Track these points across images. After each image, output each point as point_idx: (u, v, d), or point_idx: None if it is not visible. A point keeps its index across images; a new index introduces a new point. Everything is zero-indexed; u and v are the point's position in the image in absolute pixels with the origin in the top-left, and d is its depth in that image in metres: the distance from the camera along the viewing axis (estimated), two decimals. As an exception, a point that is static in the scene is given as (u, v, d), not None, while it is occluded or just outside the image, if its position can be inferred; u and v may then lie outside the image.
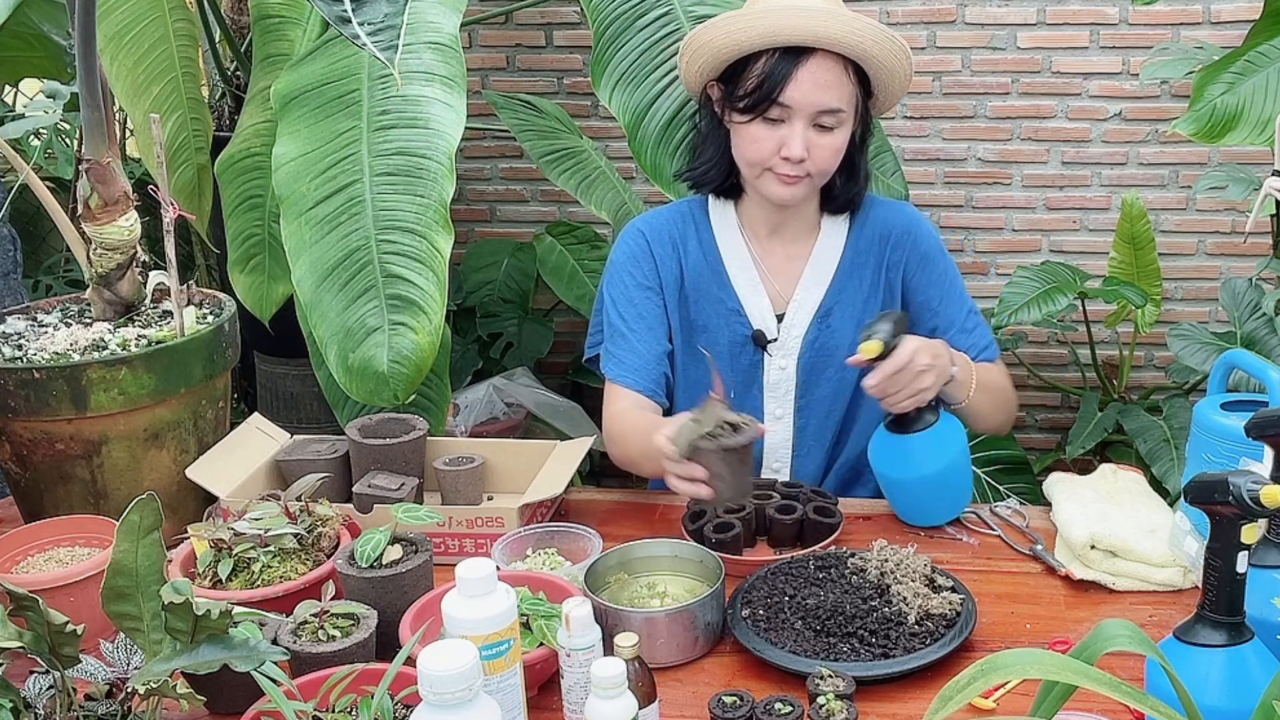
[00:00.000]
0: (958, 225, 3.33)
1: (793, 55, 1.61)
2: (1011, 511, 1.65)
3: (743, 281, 1.78)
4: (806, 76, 1.61)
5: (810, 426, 1.80)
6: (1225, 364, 1.47)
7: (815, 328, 1.76)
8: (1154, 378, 3.33)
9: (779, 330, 1.77)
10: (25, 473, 1.66)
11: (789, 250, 1.78)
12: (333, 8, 1.48)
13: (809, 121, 1.63)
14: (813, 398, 1.79)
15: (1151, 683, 1.15)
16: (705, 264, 1.79)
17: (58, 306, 1.88)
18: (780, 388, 1.78)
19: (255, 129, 2.43)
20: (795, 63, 1.61)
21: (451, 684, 0.96)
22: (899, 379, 1.53)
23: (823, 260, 1.77)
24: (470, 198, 3.52)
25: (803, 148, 1.63)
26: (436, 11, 2.02)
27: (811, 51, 1.61)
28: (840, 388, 1.78)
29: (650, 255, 1.79)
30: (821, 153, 1.65)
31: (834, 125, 1.64)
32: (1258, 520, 1.06)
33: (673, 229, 1.80)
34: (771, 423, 1.79)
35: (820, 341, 1.76)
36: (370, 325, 1.89)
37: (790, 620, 1.34)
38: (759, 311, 1.77)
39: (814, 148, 1.64)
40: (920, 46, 3.19)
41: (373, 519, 1.56)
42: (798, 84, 1.61)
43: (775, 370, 1.78)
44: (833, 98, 1.62)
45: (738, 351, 1.78)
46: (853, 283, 1.77)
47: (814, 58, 1.61)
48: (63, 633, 1.06)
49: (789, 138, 1.63)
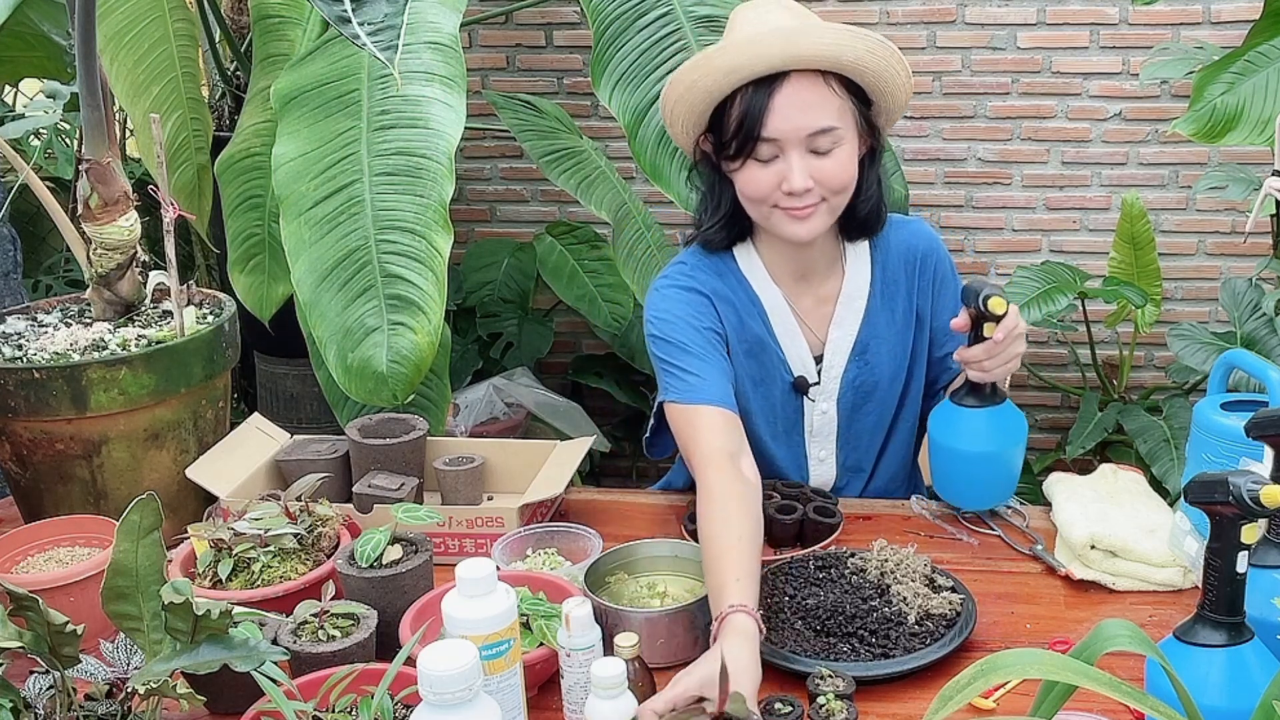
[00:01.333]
0: (958, 225, 3.33)
1: (766, 85, 1.49)
2: (1011, 511, 1.65)
3: (781, 329, 1.68)
4: (784, 103, 1.48)
5: (850, 461, 1.75)
6: (1225, 364, 1.47)
7: (854, 366, 1.69)
8: (1154, 378, 3.33)
9: (819, 374, 1.70)
10: (25, 473, 1.66)
11: (818, 292, 1.69)
12: (333, 8, 1.48)
13: (804, 148, 1.51)
14: (854, 433, 1.73)
15: (1151, 683, 1.15)
16: (755, 317, 1.67)
17: (58, 306, 1.88)
18: (823, 431, 1.72)
19: (255, 129, 2.43)
20: (770, 92, 1.48)
21: (451, 684, 0.96)
22: (1008, 348, 1.48)
23: (853, 297, 1.68)
24: (470, 198, 3.52)
25: (804, 178, 1.50)
26: (436, 11, 2.02)
27: (785, 75, 1.48)
28: (881, 418, 1.73)
29: (708, 304, 1.65)
30: (826, 175, 1.52)
31: (831, 146, 1.51)
32: (1258, 520, 1.06)
33: (718, 283, 1.66)
34: (815, 465, 1.73)
35: (860, 379, 1.69)
36: (369, 325, 1.89)
37: (790, 620, 1.34)
38: (798, 357, 1.68)
39: (817, 173, 1.51)
40: (920, 46, 3.19)
41: (373, 519, 1.56)
42: (777, 113, 1.49)
43: (818, 415, 1.70)
44: (819, 117, 1.49)
45: (777, 399, 1.70)
46: (885, 314, 1.69)
47: (788, 81, 1.48)
48: (63, 633, 1.06)
49: (788, 171, 1.51)
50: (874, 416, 1.73)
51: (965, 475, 1.62)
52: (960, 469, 1.62)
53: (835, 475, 1.75)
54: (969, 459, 1.60)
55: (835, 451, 1.73)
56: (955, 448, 1.60)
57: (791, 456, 1.73)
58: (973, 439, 1.58)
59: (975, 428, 1.57)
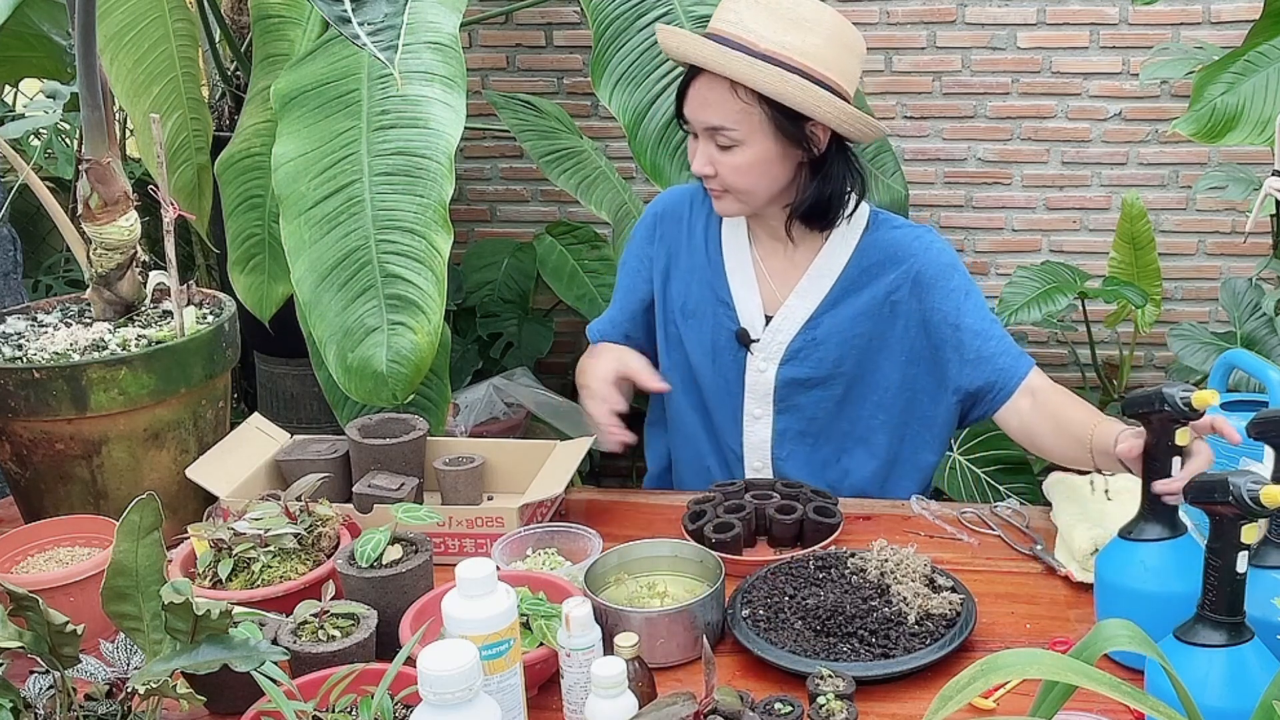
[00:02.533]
0: (958, 225, 3.33)
1: (693, 72, 1.65)
2: (1011, 511, 1.65)
3: (738, 277, 1.78)
4: (693, 94, 1.65)
5: (790, 431, 1.78)
6: (1225, 364, 1.47)
7: (800, 338, 1.75)
8: (1154, 378, 3.33)
9: (764, 332, 1.76)
10: (25, 473, 1.66)
11: (793, 257, 1.77)
12: (333, 8, 1.48)
13: (708, 138, 1.66)
14: (792, 404, 1.77)
15: (1151, 683, 1.15)
16: (705, 248, 1.81)
17: (58, 306, 1.88)
18: (758, 390, 1.78)
19: (255, 129, 2.43)
20: (690, 79, 1.66)
21: (451, 684, 0.96)
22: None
23: (823, 272, 1.75)
24: (470, 198, 3.52)
25: (703, 163, 1.66)
26: (436, 11, 2.02)
27: (701, 69, 1.63)
28: (822, 401, 1.76)
29: (656, 227, 1.86)
30: (724, 169, 1.66)
31: (728, 144, 1.64)
32: (1258, 520, 1.06)
33: (684, 207, 1.85)
34: (751, 422, 1.79)
35: (804, 353, 1.75)
36: (369, 325, 1.89)
37: (790, 620, 1.34)
38: (749, 309, 1.77)
39: (717, 164, 1.66)
40: (920, 46, 3.19)
41: (373, 519, 1.56)
42: (688, 100, 1.66)
43: (754, 372, 1.77)
44: (713, 115, 1.63)
45: (721, 345, 1.78)
46: (848, 300, 1.74)
47: (701, 76, 1.64)
48: (63, 633, 1.06)
49: (696, 153, 1.68)
50: (814, 395, 1.76)
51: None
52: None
53: (770, 437, 1.79)
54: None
55: (772, 413, 1.78)
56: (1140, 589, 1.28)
57: (729, 405, 1.80)
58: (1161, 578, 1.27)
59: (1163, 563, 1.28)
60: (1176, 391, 1.21)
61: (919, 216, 3.29)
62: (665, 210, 1.86)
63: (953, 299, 1.71)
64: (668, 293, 1.83)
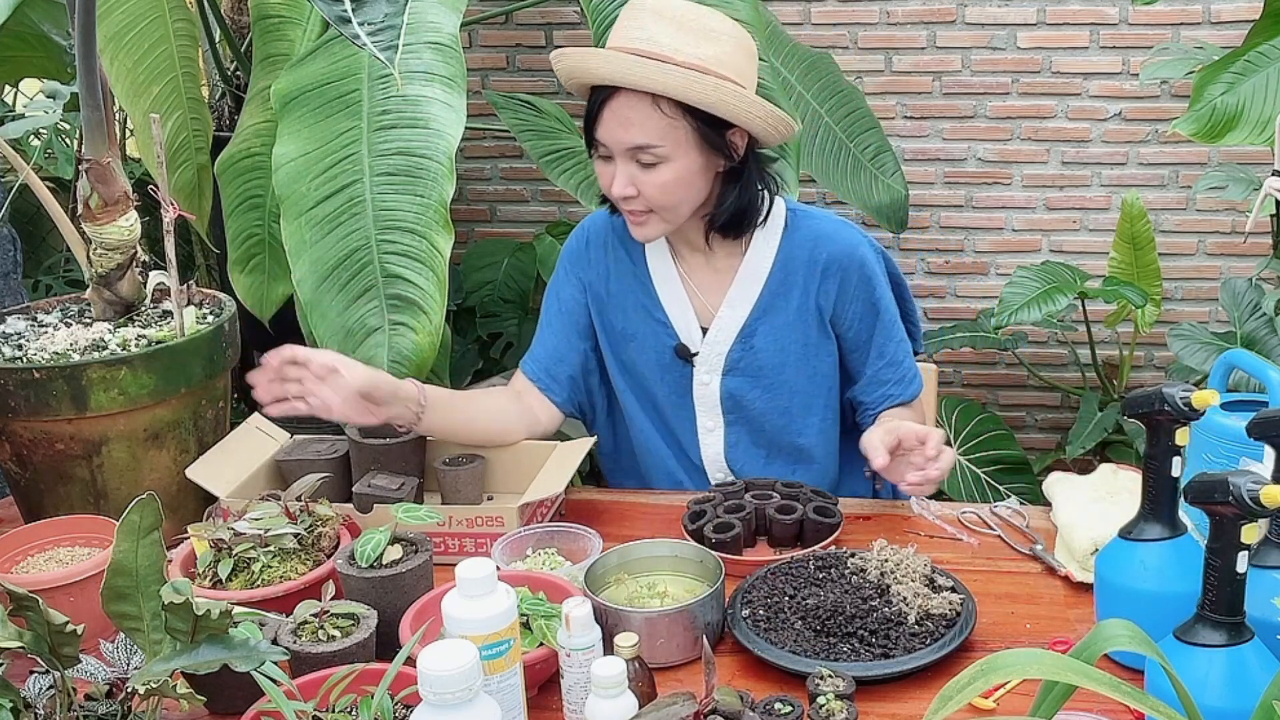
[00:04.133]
0: (958, 225, 3.33)
1: (602, 93, 1.60)
2: (1011, 511, 1.65)
3: (668, 293, 1.77)
4: (610, 115, 1.59)
5: (743, 442, 1.80)
6: (1225, 364, 1.47)
7: (739, 346, 1.75)
8: (1154, 378, 3.33)
9: (701, 344, 1.76)
10: (25, 473, 1.66)
11: (716, 265, 1.76)
12: (333, 8, 1.48)
13: (628, 158, 1.60)
14: (741, 414, 1.78)
15: (1151, 683, 1.15)
16: (633, 270, 1.78)
17: (58, 306, 1.88)
18: (706, 402, 1.78)
19: (255, 129, 2.43)
20: (603, 101, 1.60)
21: (451, 684, 0.96)
22: None
23: (749, 278, 1.74)
24: (470, 198, 3.52)
25: (624, 185, 1.61)
26: (436, 11, 2.02)
27: (615, 90, 1.58)
28: (769, 409, 1.77)
29: (585, 253, 1.82)
30: (648, 189, 1.61)
31: (653, 161, 1.59)
32: (1258, 520, 1.06)
33: (609, 231, 1.81)
34: (704, 435, 1.80)
35: (745, 361, 1.75)
36: (370, 325, 1.89)
37: (790, 620, 1.34)
38: (684, 324, 1.76)
39: (640, 184, 1.61)
40: (920, 46, 3.19)
41: (373, 519, 1.56)
42: (604, 123, 1.60)
43: (699, 385, 1.77)
44: (638, 134, 1.58)
45: (667, 363, 1.78)
46: (779, 302, 1.74)
47: (618, 95, 1.58)
48: (63, 633, 1.06)
49: (614, 175, 1.62)
50: (760, 403, 1.77)
51: None
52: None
53: (723, 448, 1.80)
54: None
55: (723, 425, 1.79)
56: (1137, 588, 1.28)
57: (684, 418, 1.81)
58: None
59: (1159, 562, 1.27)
60: (1176, 391, 1.21)
61: (919, 217, 3.29)
62: (591, 238, 1.82)
63: (867, 320, 1.75)
64: (606, 320, 1.81)
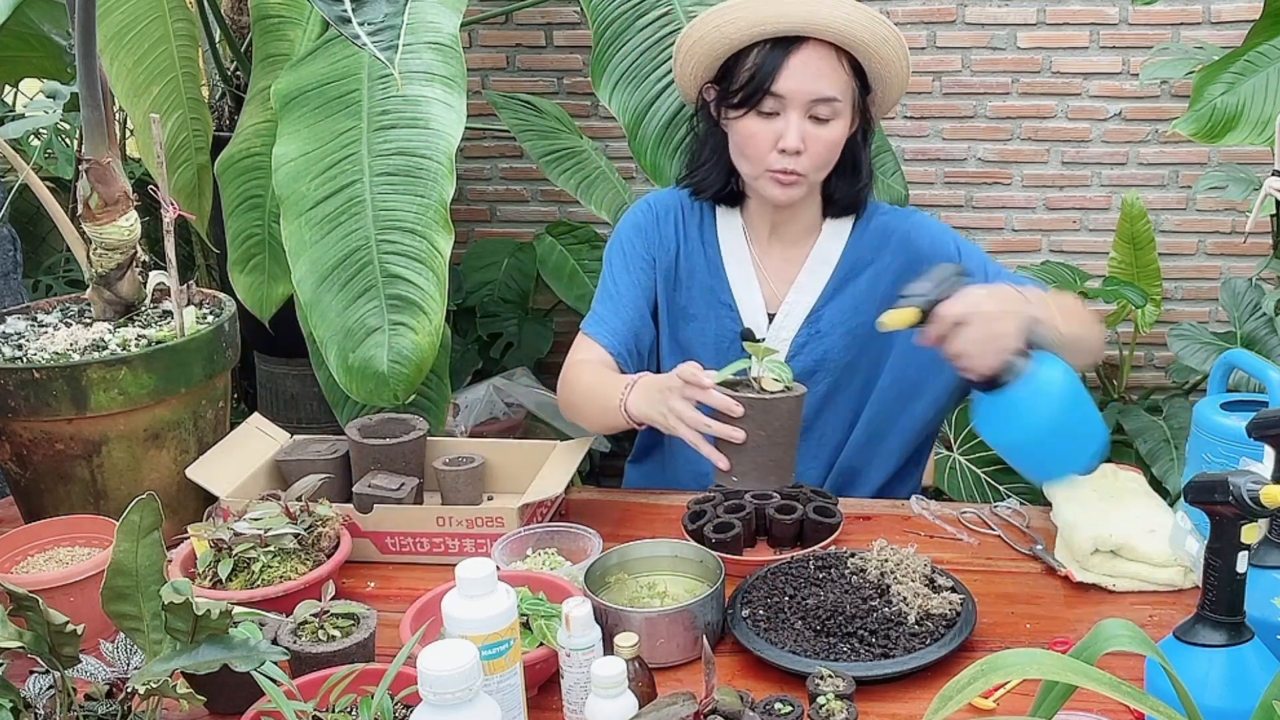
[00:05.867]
0: (958, 225, 3.32)
1: (784, 45, 1.60)
2: (1011, 511, 1.65)
3: (738, 276, 1.77)
4: (799, 65, 1.60)
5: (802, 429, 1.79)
6: (1225, 364, 1.47)
7: (805, 332, 1.75)
8: (1154, 378, 3.33)
9: (768, 330, 1.76)
10: (25, 473, 1.66)
11: (787, 252, 1.77)
12: (333, 8, 1.48)
13: (804, 112, 1.62)
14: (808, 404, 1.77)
15: (1151, 683, 1.15)
16: (703, 251, 1.79)
17: (58, 306, 1.88)
18: None
19: (255, 129, 2.43)
20: (787, 52, 1.60)
21: (451, 684, 0.96)
22: (969, 335, 1.31)
23: (819, 265, 1.76)
24: (470, 198, 3.52)
25: (799, 138, 1.61)
26: (436, 11, 2.02)
27: (803, 41, 1.60)
28: (832, 393, 1.77)
29: (655, 228, 1.81)
30: (817, 145, 1.63)
31: (829, 116, 1.62)
32: (1258, 520, 1.06)
33: (679, 209, 1.82)
34: None
35: (809, 347, 1.75)
36: (370, 325, 1.89)
37: (790, 620, 1.34)
38: (751, 308, 1.77)
39: (810, 140, 1.62)
40: (920, 46, 3.19)
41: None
42: (790, 73, 1.60)
43: None
44: (826, 86, 1.61)
45: (725, 346, 1.77)
46: (847, 289, 1.75)
47: (805, 46, 1.60)
48: (63, 633, 1.06)
49: (785, 129, 1.62)
50: (823, 389, 1.75)
51: (1036, 457, 1.38)
52: (1027, 454, 1.39)
53: None
54: (1026, 444, 1.36)
55: None
56: (1005, 440, 1.38)
57: None
58: (1014, 424, 1.35)
59: (1011, 409, 1.34)
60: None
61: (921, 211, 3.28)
62: (660, 214, 1.83)
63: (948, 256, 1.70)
64: (670, 297, 1.82)
